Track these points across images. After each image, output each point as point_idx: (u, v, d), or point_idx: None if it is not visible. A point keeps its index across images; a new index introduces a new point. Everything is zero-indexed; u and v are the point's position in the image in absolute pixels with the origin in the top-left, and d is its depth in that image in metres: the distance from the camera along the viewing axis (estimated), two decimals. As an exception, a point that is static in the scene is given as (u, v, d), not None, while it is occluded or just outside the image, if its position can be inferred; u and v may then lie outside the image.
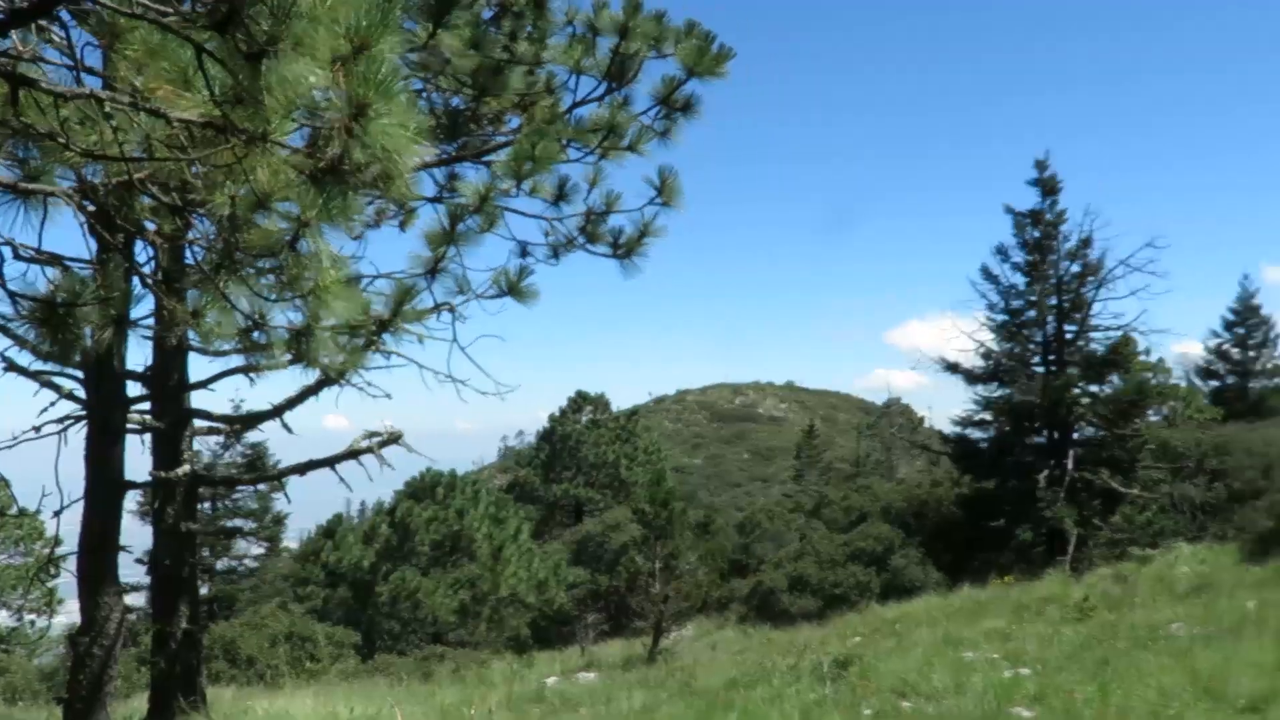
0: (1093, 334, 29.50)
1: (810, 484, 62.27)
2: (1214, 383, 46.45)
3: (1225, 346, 46.94)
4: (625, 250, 9.91)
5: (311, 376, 8.14)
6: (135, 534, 15.19)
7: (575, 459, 50.69)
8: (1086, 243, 29.17)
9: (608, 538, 39.32)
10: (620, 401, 57.34)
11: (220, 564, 35.45)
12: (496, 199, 8.94)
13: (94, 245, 5.78)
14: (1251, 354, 46.60)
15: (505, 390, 10.33)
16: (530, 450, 58.59)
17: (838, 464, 75.63)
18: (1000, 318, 30.27)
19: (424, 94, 9.43)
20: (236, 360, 10.67)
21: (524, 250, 9.92)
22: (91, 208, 5.05)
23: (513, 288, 9.38)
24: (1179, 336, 63.52)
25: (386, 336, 7.63)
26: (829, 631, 21.98)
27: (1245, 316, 46.72)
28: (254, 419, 11.69)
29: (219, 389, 13.09)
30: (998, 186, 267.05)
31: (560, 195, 9.58)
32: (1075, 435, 29.09)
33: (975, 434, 30.91)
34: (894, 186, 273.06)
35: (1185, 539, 25.28)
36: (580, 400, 52.70)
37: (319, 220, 3.76)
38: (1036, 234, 29.71)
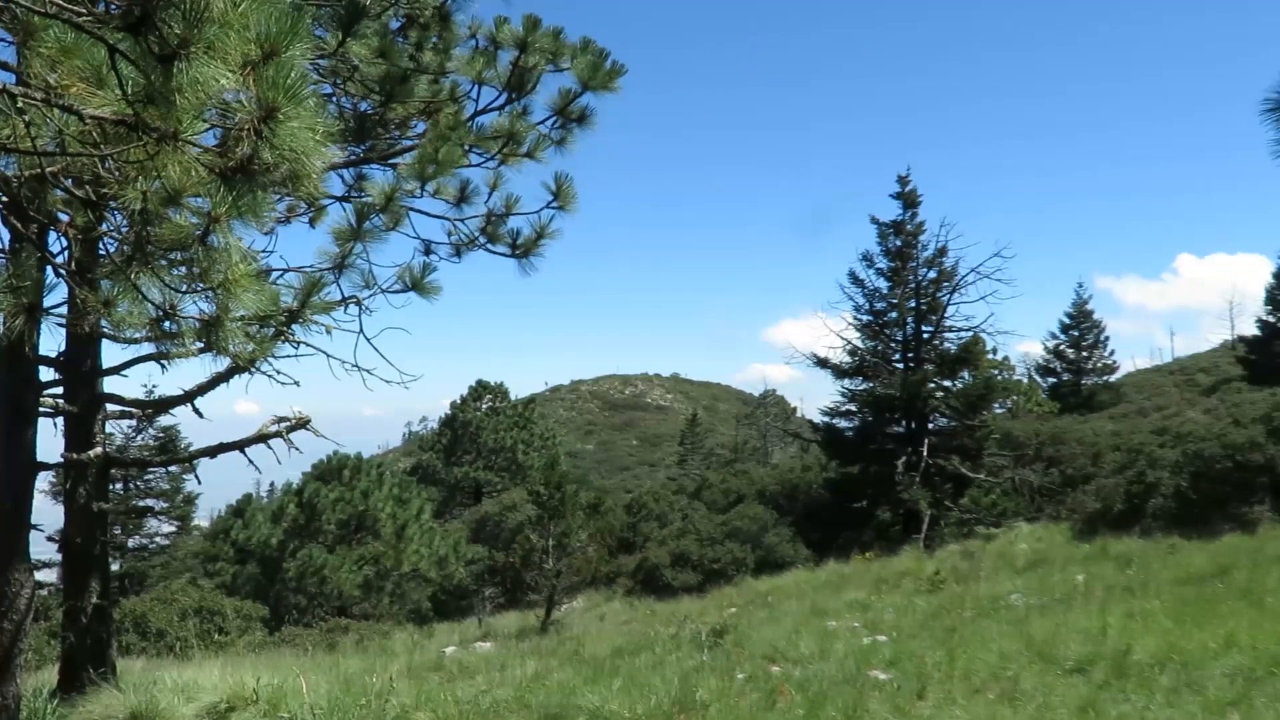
0: (947, 334, 30.38)
1: (693, 468, 62.82)
2: (1051, 379, 48.27)
3: (1062, 347, 48.86)
4: (523, 250, 9.84)
5: (222, 364, 7.90)
6: (48, 513, 14.57)
7: (475, 444, 50.29)
8: (943, 251, 30.02)
9: (505, 517, 39.05)
10: (518, 390, 57.15)
11: (132, 542, 34.36)
12: (402, 199, 8.81)
13: (6, 235, 5.56)
14: (1084, 354, 48.63)
15: (409, 379, 10.17)
16: (433, 435, 57.95)
17: (718, 450, 76.38)
18: (865, 318, 30.96)
19: (333, 98, 9.22)
20: (149, 347, 10.26)
21: (428, 248, 9.78)
22: (4, 199, 4.85)
23: (416, 283, 9.26)
24: (1022, 337, 66.23)
25: (295, 327, 7.46)
26: (708, 603, 22.19)
27: (1079, 320, 48.70)
28: (166, 403, 11.29)
29: (132, 374, 12.64)
30: (868, 197, 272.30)
31: (462, 197, 9.49)
32: (930, 425, 29.88)
33: (842, 423, 31.54)
34: (776, 193, 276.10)
35: (1024, 519, 26.16)
36: (480, 389, 52.27)
37: (229, 216, 3.66)
38: (898, 243, 30.43)
